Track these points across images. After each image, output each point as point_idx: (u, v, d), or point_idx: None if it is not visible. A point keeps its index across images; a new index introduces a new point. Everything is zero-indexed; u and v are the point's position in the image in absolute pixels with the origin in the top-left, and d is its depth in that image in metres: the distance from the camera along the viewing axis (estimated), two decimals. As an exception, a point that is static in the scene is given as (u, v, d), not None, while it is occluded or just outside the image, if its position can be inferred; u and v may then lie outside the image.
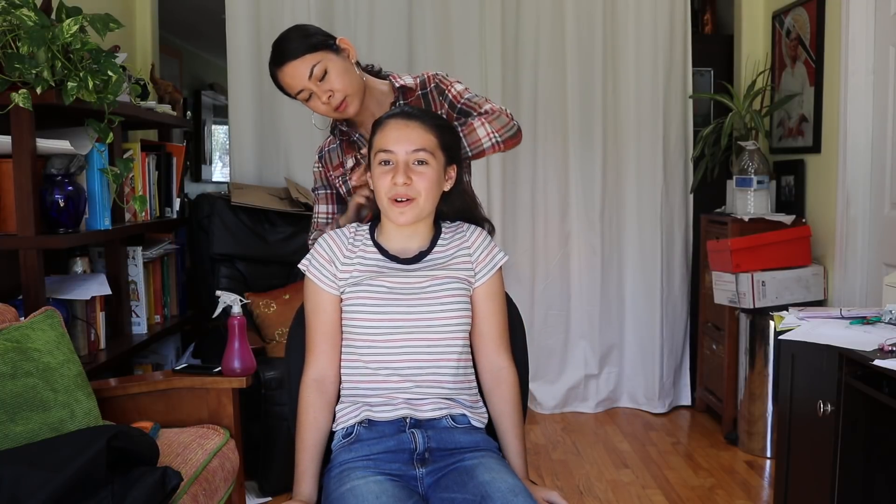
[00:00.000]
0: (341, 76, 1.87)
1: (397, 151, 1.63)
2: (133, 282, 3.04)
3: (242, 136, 3.83)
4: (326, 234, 1.73)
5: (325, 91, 1.86)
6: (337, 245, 1.70)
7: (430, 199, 1.65)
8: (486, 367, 1.72)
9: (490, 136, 1.86)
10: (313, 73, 1.85)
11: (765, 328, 3.32)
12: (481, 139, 1.85)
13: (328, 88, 1.86)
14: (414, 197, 1.62)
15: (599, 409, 4.07)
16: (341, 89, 1.87)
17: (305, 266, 1.71)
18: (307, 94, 1.88)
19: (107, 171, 2.56)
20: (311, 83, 1.86)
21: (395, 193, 1.61)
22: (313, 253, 1.71)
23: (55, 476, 1.51)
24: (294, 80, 1.87)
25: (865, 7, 3.11)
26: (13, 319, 2.00)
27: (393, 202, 1.62)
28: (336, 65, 1.87)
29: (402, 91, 1.96)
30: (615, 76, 3.97)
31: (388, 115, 1.69)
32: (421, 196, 1.62)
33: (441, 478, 1.58)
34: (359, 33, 3.81)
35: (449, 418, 1.63)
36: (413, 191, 1.62)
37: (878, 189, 3.09)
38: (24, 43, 2.14)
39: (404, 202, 1.62)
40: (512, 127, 1.89)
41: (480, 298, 1.70)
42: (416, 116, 1.67)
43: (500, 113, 1.89)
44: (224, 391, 2.26)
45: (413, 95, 1.96)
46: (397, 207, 1.63)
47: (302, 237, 3.50)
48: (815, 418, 2.15)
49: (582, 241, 4.01)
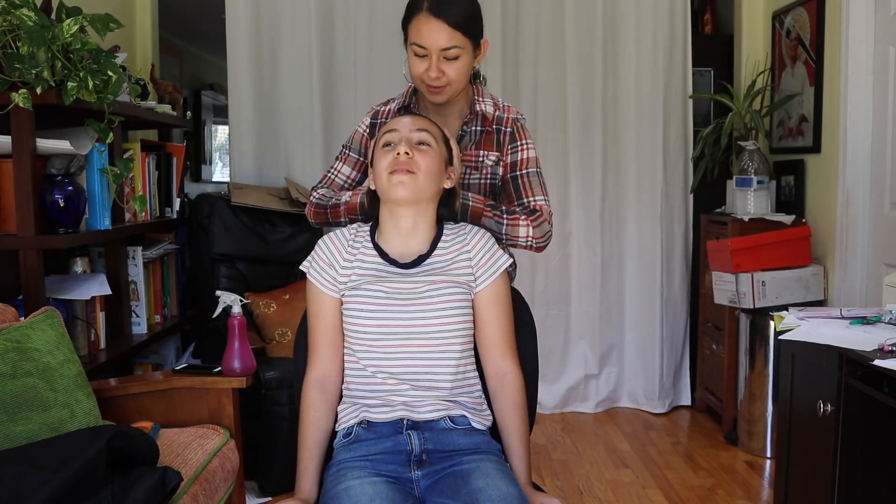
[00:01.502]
0: (461, 70, 1.84)
1: (401, 130, 1.66)
2: (133, 282, 3.04)
3: (242, 136, 3.83)
4: (327, 236, 1.72)
5: (440, 70, 1.82)
6: (337, 248, 1.70)
7: (429, 179, 1.64)
8: (490, 372, 1.71)
9: (528, 240, 1.86)
10: (449, 50, 1.80)
11: (765, 328, 3.32)
12: (519, 237, 1.85)
13: (444, 69, 1.82)
14: (415, 171, 1.62)
15: (599, 409, 4.07)
16: (454, 80, 1.84)
17: (307, 268, 1.71)
18: (424, 54, 1.82)
19: (107, 171, 2.55)
20: (437, 52, 1.80)
21: (396, 164, 1.61)
22: (314, 255, 1.71)
23: (55, 476, 1.51)
24: (428, 36, 1.80)
25: (865, 7, 3.12)
26: (13, 319, 2.00)
27: (392, 174, 1.62)
28: (466, 60, 1.84)
29: (480, 117, 1.94)
30: (615, 76, 3.97)
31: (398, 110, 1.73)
32: (421, 171, 1.62)
33: (437, 481, 1.57)
34: (359, 33, 3.81)
35: (447, 420, 1.63)
36: (414, 164, 1.62)
37: (878, 189, 3.09)
38: (24, 43, 2.14)
39: (404, 172, 1.61)
40: (549, 237, 1.90)
41: (483, 303, 1.69)
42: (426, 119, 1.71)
43: (545, 220, 1.88)
44: (224, 391, 2.26)
45: (490, 127, 1.94)
46: (396, 176, 1.61)
47: (302, 237, 3.50)
48: (815, 418, 2.15)
49: (582, 241, 4.01)
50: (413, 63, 1.85)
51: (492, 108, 1.94)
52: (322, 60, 3.80)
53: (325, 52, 3.81)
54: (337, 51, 3.83)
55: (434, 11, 1.78)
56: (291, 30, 3.79)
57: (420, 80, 1.85)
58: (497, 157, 1.94)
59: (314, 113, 3.81)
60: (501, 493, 1.48)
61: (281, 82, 3.81)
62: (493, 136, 1.93)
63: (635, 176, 4.00)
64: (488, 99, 1.95)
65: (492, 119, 1.93)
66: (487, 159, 1.93)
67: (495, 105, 1.95)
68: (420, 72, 1.83)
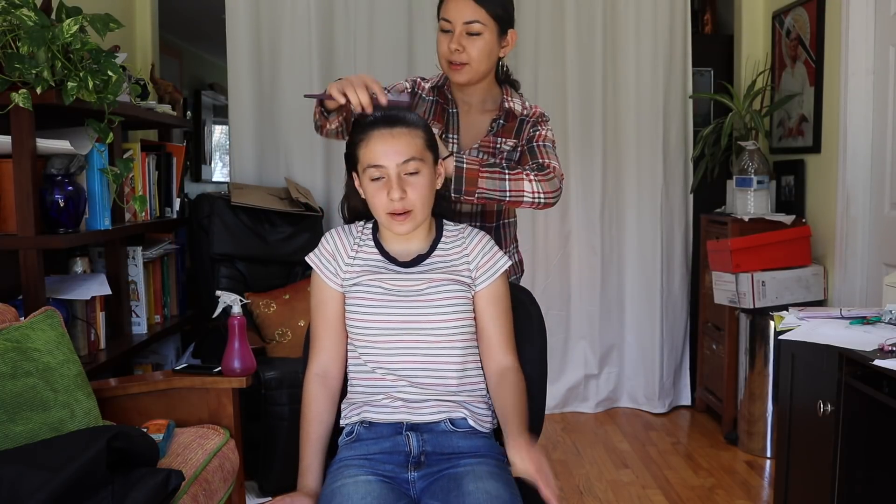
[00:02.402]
0: (482, 50, 1.89)
1: (387, 165, 1.60)
2: (133, 282, 3.04)
3: (242, 136, 3.83)
4: (333, 230, 1.74)
5: (460, 45, 1.87)
6: (342, 242, 1.71)
7: (426, 207, 1.65)
8: (491, 369, 1.70)
9: (535, 195, 1.84)
10: (472, 25, 1.86)
11: (765, 328, 3.32)
12: (524, 192, 1.83)
13: (465, 45, 1.87)
14: (410, 209, 1.62)
15: (599, 409, 4.07)
16: (475, 58, 1.89)
17: (311, 259, 1.72)
18: (449, 28, 1.89)
19: (107, 171, 2.55)
20: (460, 26, 1.87)
21: (393, 209, 1.61)
22: (320, 246, 1.73)
23: (55, 476, 1.51)
24: (455, 11, 1.87)
25: (865, 7, 3.12)
26: (13, 319, 2.00)
27: (391, 216, 1.63)
28: (489, 39, 1.89)
29: (507, 113, 1.99)
30: (615, 76, 3.97)
31: (371, 125, 1.62)
32: (417, 206, 1.62)
33: (432, 483, 1.56)
34: (359, 33, 3.81)
35: (448, 422, 1.62)
36: (409, 203, 1.61)
37: (878, 189, 3.09)
38: (24, 43, 2.14)
39: (402, 215, 1.62)
40: (558, 194, 1.88)
41: (482, 303, 1.69)
42: (399, 121, 1.63)
43: (556, 176, 1.87)
44: (224, 391, 2.26)
45: (514, 122, 2.00)
46: (396, 220, 1.63)
47: (302, 237, 3.50)
48: (815, 418, 2.15)
49: (582, 241, 4.01)
50: (440, 40, 1.92)
51: (520, 106, 2.02)
52: (322, 60, 3.80)
53: (325, 52, 3.81)
54: (337, 51, 3.83)
55: None
56: (291, 30, 3.79)
57: (444, 58, 1.93)
58: (515, 143, 1.99)
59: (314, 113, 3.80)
60: (490, 497, 1.47)
61: (281, 82, 3.81)
62: (515, 126, 2.00)
63: (635, 176, 4.00)
64: (517, 99, 2.04)
65: (518, 115, 2.01)
66: (505, 145, 1.99)
67: (523, 105, 2.03)
68: (444, 48, 1.91)
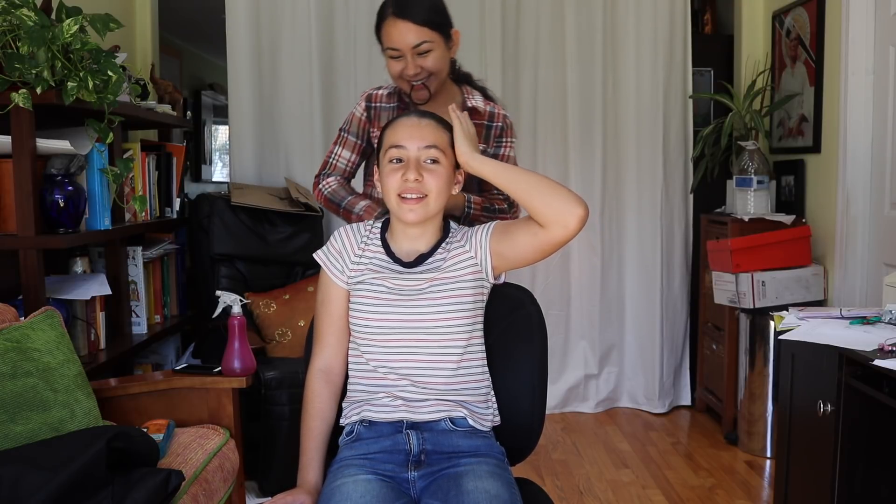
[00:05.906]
0: (438, 60, 1.93)
1: (409, 147, 1.62)
2: (133, 282, 3.04)
3: (242, 136, 3.83)
4: (342, 228, 1.75)
5: (417, 66, 1.91)
6: (350, 240, 1.72)
7: (439, 199, 1.64)
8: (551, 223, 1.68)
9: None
10: (420, 46, 1.89)
11: (765, 328, 3.32)
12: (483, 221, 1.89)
13: (421, 65, 1.91)
14: (425, 194, 1.61)
15: (599, 409, 4.07)
16: (434, 69, 1.93)
17: (319, 256, 1.73)
18: (398, 55, 1.92)
19: (107, 171, 2.55)
20: (410, 51, 1.90)
21: (405, 189, 1.61)
22: (329, 245, 1.73)
23: (55, 476, 1.51)
24: (399, 39, 1.90)
25: (865, 7, 3.12)
26: (13, 319, 2.00)
27: (402, 199, 1.62)
28: (440, 51, 1.93)
29: (471, 112, 2.00)
30: (615, 76, 3.97)
31: (405, 113, 1.70)
32: (431, 194, 1.62)
33: (431, 482, 1.56)
34: (359, 33, 3.80)
35: (448, 421, 1.62)
36: (424, 188, 1.61)
37: (878, 189, 3.09)
38: (24, 43, 2.14)
39: (414, 199, 1.61)
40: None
41: (498, 235, 1.64)
42: (431, 116, 1.69)
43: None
44: (224, 391, 2.26)
45: (480, 120, 2.01)
46: (406, 205, 1.62)
47: (302, 237, 3.50)
48: (815, 418, 2.15)
49: (582, 240, 4.00)
50: (391, 66, 1.96)
51: (482, 103, 2.04)
52: (322, 60, 3.80)
53: (325, 52, 3.81)
54: (337, 51, 3.83)
55: (399, 14, 1.89)
56: (291, 30, 3.79)
57: (401, 78, 1.95)
58: (484, 147, 2.03)
59: (314, 113, 3.81)
60: (489, 497, 1.47)
61: (281, 82, 3.81)
62: (482, 129, 2.02)
63: (635, 176, 4.00)
64: (477, 95, 2.06)
65: (483, 114, 2.03)
66: None
67: (485, 101, 2.05)
68: (398, 71, 1.94)
